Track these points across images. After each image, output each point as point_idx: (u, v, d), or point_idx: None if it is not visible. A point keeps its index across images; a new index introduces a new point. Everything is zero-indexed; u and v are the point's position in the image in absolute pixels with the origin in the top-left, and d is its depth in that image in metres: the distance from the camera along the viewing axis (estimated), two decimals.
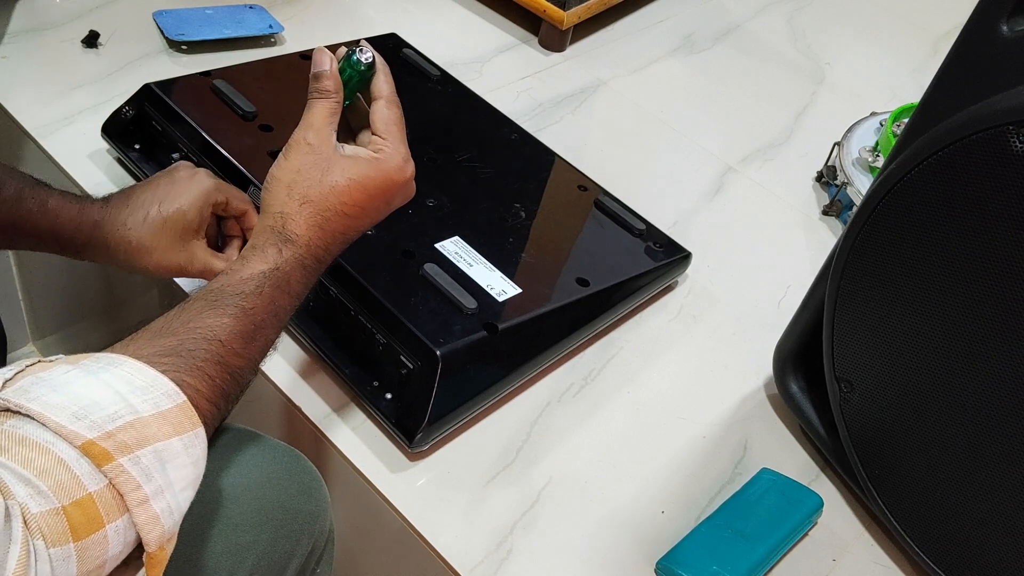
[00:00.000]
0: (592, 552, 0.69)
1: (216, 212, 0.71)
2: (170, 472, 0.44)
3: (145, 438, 0.43)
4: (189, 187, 0.69)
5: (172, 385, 0.46)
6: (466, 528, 0.69)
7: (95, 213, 0.67)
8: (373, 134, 0.62)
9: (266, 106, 0.87)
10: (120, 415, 0.43)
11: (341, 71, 0.61)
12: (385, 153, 0.62)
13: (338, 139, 0.62)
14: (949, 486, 0.66)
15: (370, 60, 0.62)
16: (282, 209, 0.59)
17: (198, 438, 0.47)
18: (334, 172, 0.60)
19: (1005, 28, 0.58)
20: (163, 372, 0.47)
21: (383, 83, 0.63)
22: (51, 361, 0.45)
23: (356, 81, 0.62)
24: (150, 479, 0.43)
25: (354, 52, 0.61)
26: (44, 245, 0.67)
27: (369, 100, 0.64)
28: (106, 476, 0.41)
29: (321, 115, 0.61)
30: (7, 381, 0.43)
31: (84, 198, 0.68)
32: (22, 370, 0.44)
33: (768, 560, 0.70)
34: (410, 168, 0.63)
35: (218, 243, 0.74)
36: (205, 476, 0.48)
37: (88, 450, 0.41)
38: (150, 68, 1.01)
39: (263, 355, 0.57)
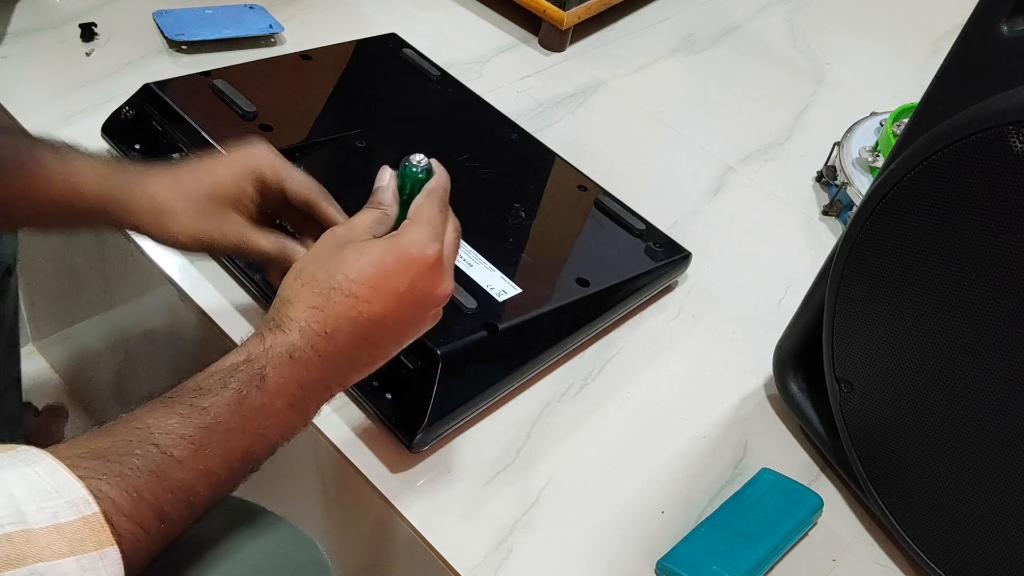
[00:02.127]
0: (592, 552, 0.69)
1: (265, 194, 0.63)
2: None
3: (22, 555, 0.37)
4: (233, 155, 0.62)
5: (83, 493, 0.40)
6: (466, 528, 0.69)
7: (127, 165, 0.61)
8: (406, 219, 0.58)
9: (266, 106, 0.87)
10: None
11: (400, 184, 0.59)
12: (405, 230, 0.55)
13: None
14: (949, 486, 0.66)
15: (424, 165, 0.60)
16: (283, 292, 0.53)
17: (106, 560, 0.40)
18: (347, 251, 0.53)
19: (1005, 28, 0.58)
20: (81, 476, 0.40)
21: (431, 180, 0.59)
22: None
23: (411, 189, 0.60)
24: None
25: (407, 163, 0.60)
26: (63, 208, 0.59)
27: None
28: None
29: (363, 219, 0.57)
30: None
31: (115, 156, 0.62)
32: None
33: (768, 560, 0.70)
34: (433, 248, 0.54)
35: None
36: (199, 561, 0.44)
37: None
38: (150, 68, 1.01)
39: (229, 470, 0.47)
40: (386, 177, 0.59)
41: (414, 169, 0.59)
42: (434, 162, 0.61)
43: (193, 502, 0.46)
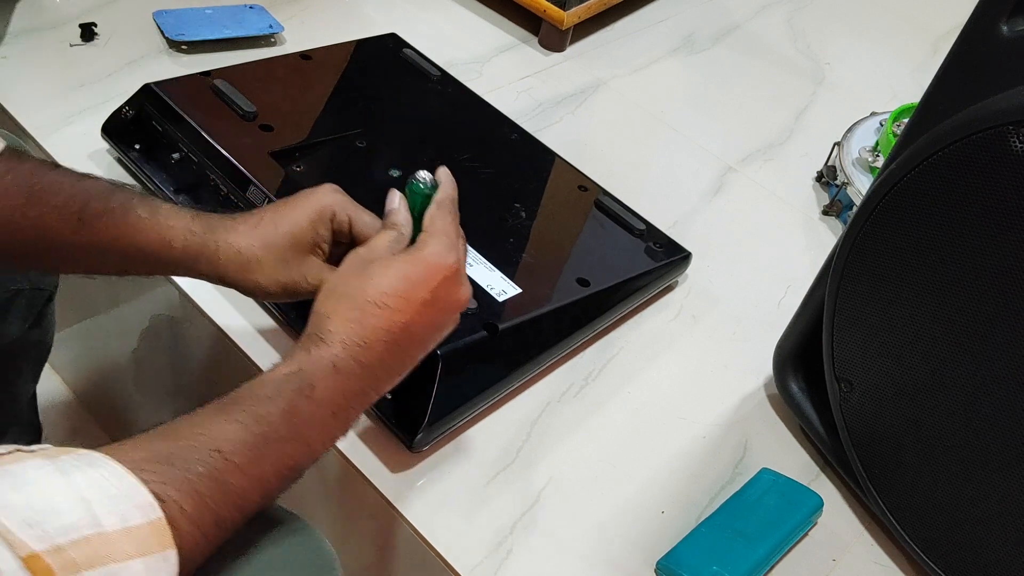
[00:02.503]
0: (592, 552, 0.69)
1: (338, 234, 0.65)
2: None
3: (99, 557, 0.39)
4: (307, 200, 0.64)
5: (148, 497, 0.42)
6: (466, 528, 0.69)
7: (211, 219, 0.63)
8: (421, 232, 0.61)
9: (266, 106, 0.87)
10: (77, 527, 0.39)
11: (410, 202, 0.62)
12: (423, 243, 0.59)
13: None
14: (949, 486, 0.66)
15: (429, 181, 0.62)
16: (319, 309, 0.56)
17: (167, 562, 0.42)
18: (374, 267, 0.57)
19: (1005, 28, 0.58)
20: (146, 481, 0.42)
21: (438, 191, 0.62)
22: (32, 451, 0.42)
23: (421, 205, 0.62)
24: None
25: (413, 180, 0.62)
26: (150, 258, 0.62)
27: None
28: None
29: (382, 239, 0.60)
30: None
31: (201, 208, 0.64)
32: None
33: (768, 560, 0.70)
34: (452, 258, 0.58)
35: None
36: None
37: (31, 564, 0.37)
38: (150, 68, 1.01)
39: (279, 478, 0.50)
40: (396, 200, 0.62)
41: (421, 186, 0.62)
42: (441, 171, 0.63)
43: (245, 508, 0.48)
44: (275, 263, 0.62)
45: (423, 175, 0.62)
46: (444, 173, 0.63)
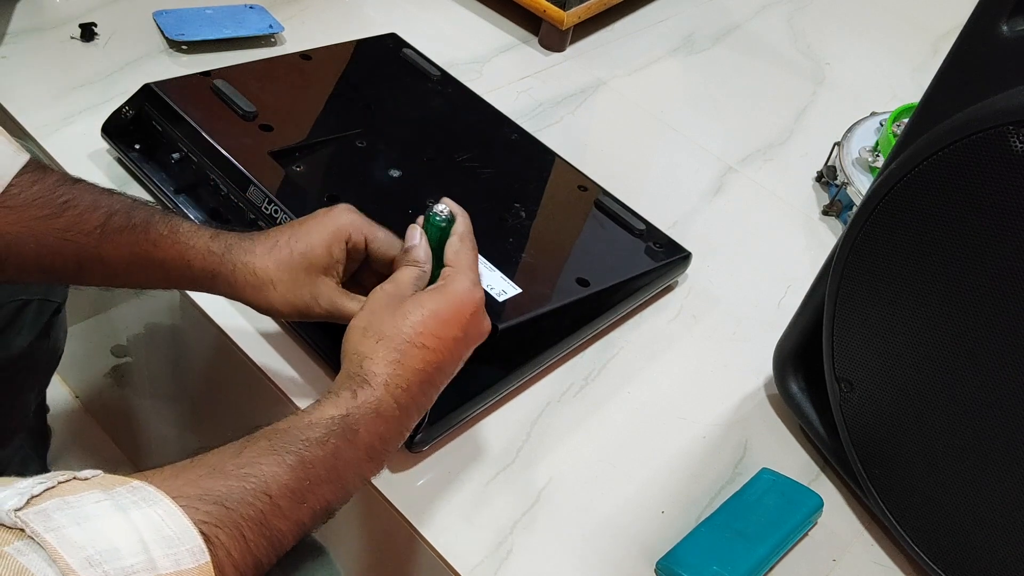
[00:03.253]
0: (592, 552, 0.69)
1: (353, 254, 0.66)
2: None
3: None
4: (322, 222, 0.65)
5: (199, 541, 0.42)
6: (466, 528, 0.69)
7: (229, 238, 0.64)
8: (444, 266, 0.62)
9: (266, 106, 0.87)
10: (136, 570, 0.39)
11: (429, 236, 0.63)
12: (451, 279, 0.61)
13: None
14: (949, 486, 0.66)
15: (446, 214, 0.64)
16: (358, 349, 0.57)
17: None
18: (407, 306, 0.58)
19: (1005, 28, 0.58)
20: (199, 522, 0.43)
21: (457, 224, 0.64)
22: (86, 479, 0.42)
23: (439, 238, 0.64)
24: None
25: (432, 214, 0.64)
26: (170, 275, 0.64)
27: None
28: None
29: (406, 276, 0.61)
30: (33, 497, 0.39)
31: (220, 227, 0.66)
32: (53, 487, 0.40)
33: (768, 560, 0.70)
34: (479, 293, 0.61)
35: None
36: None
37: None
38: (150, 68, 1.01)
39: (314, 520, 0.51)
40: (416, 236, 0.63)
41: (439, 219, 0.64)
42: (450, 203, 0.64)
43: (280, 551, 0.49)
44: (289, 285, 0.63)
45: (441, 208, 0.64)
46: (453, 204, 0.65)
